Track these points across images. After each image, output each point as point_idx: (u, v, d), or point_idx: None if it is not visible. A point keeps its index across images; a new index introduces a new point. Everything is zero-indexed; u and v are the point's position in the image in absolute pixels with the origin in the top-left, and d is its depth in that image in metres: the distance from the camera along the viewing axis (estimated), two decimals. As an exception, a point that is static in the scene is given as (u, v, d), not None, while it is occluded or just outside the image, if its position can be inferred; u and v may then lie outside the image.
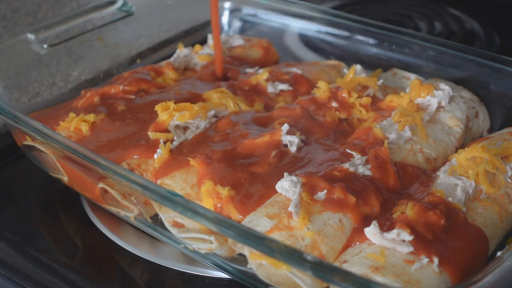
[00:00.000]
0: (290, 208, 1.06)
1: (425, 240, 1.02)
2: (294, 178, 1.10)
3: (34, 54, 1.48)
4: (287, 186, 1.09)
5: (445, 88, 1.39)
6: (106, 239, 1.27)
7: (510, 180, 1.18)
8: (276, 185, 1.11)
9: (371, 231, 1.03)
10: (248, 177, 1.17)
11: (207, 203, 1.14)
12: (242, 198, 1.13)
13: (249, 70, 1.55)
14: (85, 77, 1.65)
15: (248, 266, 1.06)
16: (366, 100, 1.36)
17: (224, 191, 1.13)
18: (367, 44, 1.62)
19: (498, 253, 1.03)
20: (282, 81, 1.47)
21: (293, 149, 1.23)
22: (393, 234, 1.02)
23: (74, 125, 1.30)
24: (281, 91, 1.45)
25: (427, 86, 1.37)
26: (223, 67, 1.53)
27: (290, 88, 1.45)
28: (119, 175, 1.09)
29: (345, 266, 1.01)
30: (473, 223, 1.09)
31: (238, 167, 1.18)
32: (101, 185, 1.20)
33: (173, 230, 1.15)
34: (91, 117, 1.32)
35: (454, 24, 1.97)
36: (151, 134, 1.28)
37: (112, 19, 1.62)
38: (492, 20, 1.98)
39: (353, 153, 1.20)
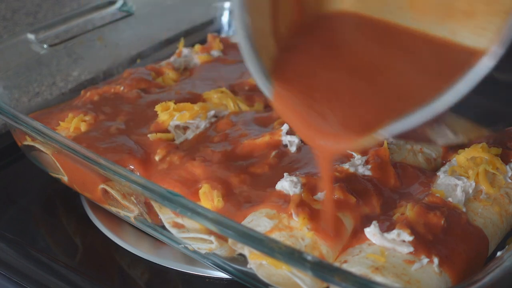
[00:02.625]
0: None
1: (425, 241, 1.02)
2: (294, 178, 1.10)
3: (34, 54, 1.48)
4: (287, 186, 1.09)
5: (445, 88, 1.39)
6: (106, 239, 1.27)
7: (510, 180, 1.18)
8: (276, 185, 1.11)
9: (371, 232, 1.03)
10: (247, 180, 1.16)
11: (206, 205, 1.14)
12: (231, 207, 1.12)
13: None
14: (85, 77, 1.65)
15: (248, 266, 1.06)
16: None
17: (215, 200, 1.13)
18: (367, 44, 1.61)
19: (498, 253, 1.03)
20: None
21: (293, 149, 1.23)
22: (393, 234, 1.02)
23: (73, 125, 1.30)
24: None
25: (427, 86, 1.37)
26: None
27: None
28: (119, 175, 1.09)
29: (345, 266, 1.01)
30: (473, 223, 1.09)
31: (238, 169, 1.18)
32: (102, 186, 1.20)
33: (173, 230, 1.15)
34: (90, 118, 1.32)
35: (454, 24, 1.97)
36: (151, 136, 1.27)
37: (112, 19, 1.62)
38: (492, 20, 1.97)
39: (353, 153, 1.20)
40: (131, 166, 1.21)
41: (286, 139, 1.24)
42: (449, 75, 0.77)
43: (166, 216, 1.15)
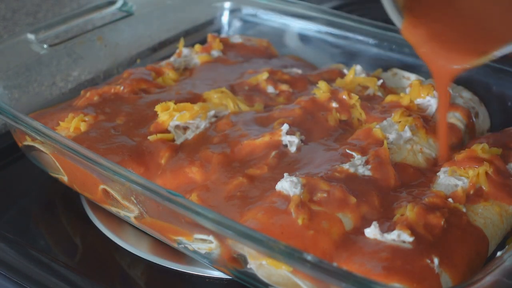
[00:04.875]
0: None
1: (425, 241, 1.02)
2: (294, 178, 1.10)
3: (34, 54, 1.48)
4: (287, 187, 1.09)
5: (445, 88, 1.39)
6: (106, 239, 1.27)
7: (510, 181, 1.18)
8: (276, 185, 1.11)
9: (372, 232, 1.03)
10: (246, 182, 1.16)
11: None
12: (231, 209, 1.12)
13: None
14: (85, 77, 1.65)
15: (248, 266, 1.06)
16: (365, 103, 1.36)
17: None
18: (367, 44, 1.61)
19: (498, 253, 1.03)
20: (282, 81, 1.47)
21: (292, 149, 1.23)
22: (393, 235, 1.02)
23: (73, 125, 1.30)
24: (281, 91, 1.45)
25: (427, 87, 1.37)
26: None
27: (290, 89, 1.45)
28: (120, 175, 1.09)
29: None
30: (473, 224, 1.09)
31: (237, 172, 1.18)
32: (102, 186, 1.20)
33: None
34: (90, 118, 1.32)
35: (454, 24, 1.97)
36: (151, 137, 1.27)
37: (112, 19, 1.62)
38: (492, 20, 1.97)
39: (353, 153, 1.20)
40: (131, 169, 1.21)
41: (286, 139, 1.24)
42: None
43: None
